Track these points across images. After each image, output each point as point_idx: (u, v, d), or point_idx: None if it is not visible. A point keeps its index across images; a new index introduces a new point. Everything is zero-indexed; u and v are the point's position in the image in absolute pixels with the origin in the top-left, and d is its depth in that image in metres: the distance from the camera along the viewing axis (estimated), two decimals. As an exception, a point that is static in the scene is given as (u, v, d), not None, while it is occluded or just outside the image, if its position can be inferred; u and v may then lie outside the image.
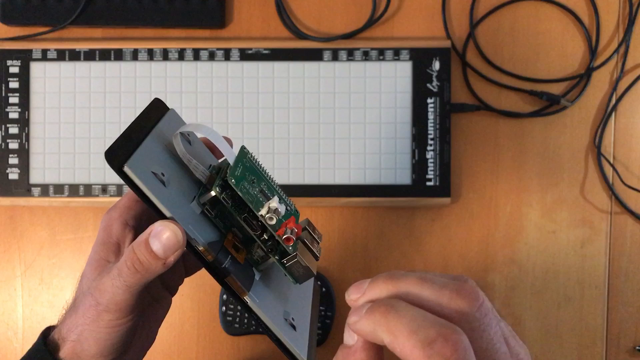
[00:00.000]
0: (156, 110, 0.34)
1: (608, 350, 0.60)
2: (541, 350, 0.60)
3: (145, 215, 0.35)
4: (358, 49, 0.59)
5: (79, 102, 0.59)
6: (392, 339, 0.21)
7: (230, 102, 0.59)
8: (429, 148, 0.58)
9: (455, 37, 0.60)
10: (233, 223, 0.32)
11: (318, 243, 0.34)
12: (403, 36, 0.60)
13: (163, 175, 0.30)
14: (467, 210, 0.60)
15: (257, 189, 0.32)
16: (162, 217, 0.29)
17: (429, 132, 0.58)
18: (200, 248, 0.30)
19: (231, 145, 0.34)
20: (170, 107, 0.35)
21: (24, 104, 0.59)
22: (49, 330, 0.35)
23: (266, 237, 0.31)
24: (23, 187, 0.58)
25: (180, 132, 0.32)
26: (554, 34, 0.60)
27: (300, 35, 0.60)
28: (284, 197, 0.34)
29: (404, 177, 0.58)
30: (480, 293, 0.23)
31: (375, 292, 0.24)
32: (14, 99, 0.59)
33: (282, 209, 0.31)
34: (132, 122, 0.31)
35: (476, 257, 0.60)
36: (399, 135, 0.59)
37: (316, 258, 0.33)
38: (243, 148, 0.33)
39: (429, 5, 0.60)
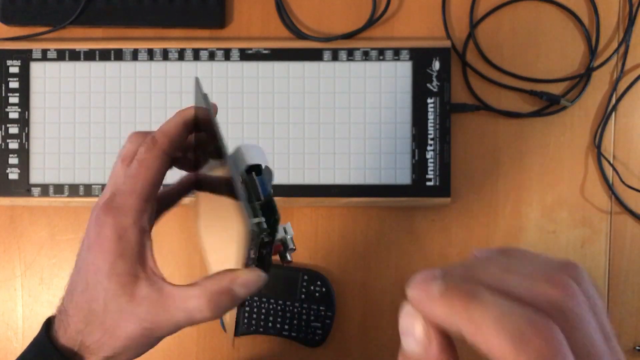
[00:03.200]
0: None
1: (608, 350, 0.60)
2: (541, 350, 0.60)
3: (156, 215, 0.35)
4: (358, 49, 0.59)
5: (79, 102, 0.59)
6: (475, 329, 0.18)
7: (230, 102, 0.59)
8: (429, 148, 0.58)
9: (455, 37, 0.60)
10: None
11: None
12: (403, 36, 0.60)
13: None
14: (467, 210, 0.60)
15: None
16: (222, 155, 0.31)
17: (429, 132, 0.58)
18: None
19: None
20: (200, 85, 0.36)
21: (24, 104, 0.59)
22: (53, 319, 0.35)
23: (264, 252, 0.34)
24: (23, 187, 0.58)
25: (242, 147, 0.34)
26: (554, 34, 0.60)
27: (300, 35, 0.60)
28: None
29: (404, 177, 0.58)
30: (572, 282, 0.20)
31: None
32: (14, 99, 0.59)
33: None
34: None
35: (476, 257, 0.60)
36: (399, 135, 0.59)
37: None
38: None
39: (429, 5, 0.60)
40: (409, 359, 0.20)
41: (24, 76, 0.59)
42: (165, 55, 0.59)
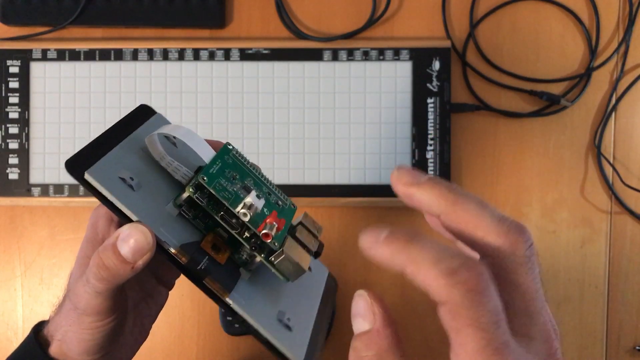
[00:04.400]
0: (141, 116, 0.34)
1: (608, 350, 0.60)
2: (541, 350, 0.60)
3: None
4: (358, 49, 0.59)
5: (79, 102, 0.59)
6: (414, 268, 0.21)
7: (230, 102, 0.59)
8: (429, 148, 0.58)
9: (455, 37, 0.60)
10: (215, 223, 0.31)
11: (317, 237, 0.33)
12: (403, 36, 0.60)
13: (132, 179, 0.30)
14: (467, 210, 0.60)
15: (238, 185, 0.31)
16: (130, 221, 0.29)
17: (429, 132, 0.58)
18: (173, 250, 0.29)
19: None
20: (157, 111, 0.35)
21: (24, 104, 0.59)
22: (41, 325, 0.35)
23: (248, 235, 0.30)
24: (23, 187, 0.58)
25: (157, 134, 0.31)
26: (554, 34, 0.60)
27: (300, 35, 0.60)
28: (275, 191, 0.33)
29: (404, 177, 0.58)
30: (519, 237, 0.23)
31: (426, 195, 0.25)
32: (14, 99, 0.59)
33: (259, 204, 0.30)
34: (106, 130, 0.31)
35: (476, 257, 0.60)
36: (399, 135, 0.59)
37: (311, 253, 0.32)
38: (227, 145, 0.32)
39: (429, 5, 0.60)
40: (358, 340, 0.24)
41: (24, 76, 0.59)
42: (165, 55, 0.59)
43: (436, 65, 0.59)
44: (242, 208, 0.29)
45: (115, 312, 0.32)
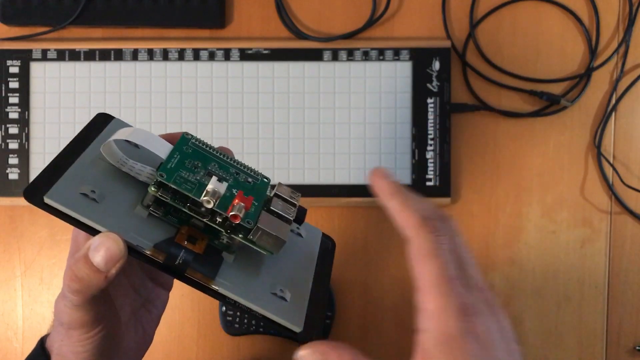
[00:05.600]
0: (99, 125, 0.33)
1: (608, 350, 0.60)
2: (541, 351, 0.60)
3: None
4: (358, 49, 0.59)
5: (79, 102, 0.59)
6: (402, 208, 0.29)
7: (230, 102, 0.59)
8: (429, 148, 0.58)
9: (455, 37, 0.60)
10: (187, 215, 0.31)
11: (294, 204, 0.32)
12: (403, 36, 0.60)
13: (94, 192, 0.30)
14: (467, 210, 0.60)
15: (201, 173, 0.31)
16: (96, 234, 0.29)
17: (429, 132, 0.58)
18: (148, 252, 0.29)
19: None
20: (114, 117, 0.34)
21: (24, 104, 0.59)
22: (46, 337, 0.35)
23: (221, 220, 0.30)
24: (23, 187, 0.58)
25: (110, 141, 0.31)
26: (554, 34, 0.60)
27: (300, 35, 0.60)
28: (244, 169, 0.33)
29: (404, 177, 0.58)
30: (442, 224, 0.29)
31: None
32: (14, 99, 0.59)
33: (222, 187, 0.30)
34: (63, 149, 0.31)
35: (476, 257, 0.59)
36: (399, 135, 0.59)
37: (288, 222, 0.31)
38: (184, 134, 0.32)
39: (429, 5, 0.60)
40: None
41: (24, 76, 0.59)
42: (165, 55, 0.59)
43: (436, 65, 0.59)
44: (204, 196, 0.29)
45: (101, 322, 0.32)
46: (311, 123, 0.59)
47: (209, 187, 0.29)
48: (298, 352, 0.28)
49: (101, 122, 0.34)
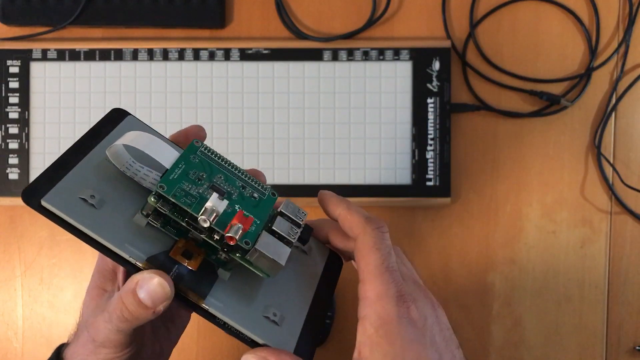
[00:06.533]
0: (113, 121, 0.33)
1: (608, 350, 0.60)
2: (541, 351, 0.60)
3: None
4: (358, 49, 0.59)
5: (79, 102, 0.59)
6: (348, 213, 0.32)
7: (230, 102, 0.59)
8: (429, 148, 0.58)
9: (455, 37, 0.60)
10: (186, 228, 0.30)
11: (299, 224, 0.31)
12: (403, 36, 0.60)
13: (94, 197, 0.29)
14: (467, 210, 0.60)
15: (204, 186, 0.30)
16: (92, 242, 0.28)
17: (429, 132, 0.58)
18: (140, 265, 0.29)
19: (203, 139, 0.33)
20: (129, 113, 0.33)
21: (24, 104, 0.59)
22: (62, 347, 0.35)
23: (218, 237, 0.29)
24: (23, 187, 0.58)
25: (116, 145, 0.30)
26: (554, 34, 0.60)
27: (300, 35, 0.60)
28: (251, 183, 0.32)
29: (404, 177, 0.58)
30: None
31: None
32: (14, 99, 0.59)
33: (221, 205, 0.29)
34: (72, 145, 0.30)
35: (476, 257, 0.60)
36: (399, 135, 0.59)
37: (289, 245, 0.30)
38: (193, 142, 0.31)
39: (429, 5, 0.60)
40: None
41: (24, 76, 0.59)
42: (165, 55, 0.59)
43: (436, 65, 0.59)
44: (202, 214, 0.28)
45: (132, 345, 0.32)
46: (311, 123, 0.59)
47: (208, 204, 0.28)
48: (243, 356, 0.29)
49: (115, 119, 0.33)
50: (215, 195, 0.29)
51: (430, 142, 0.58)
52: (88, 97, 0.59)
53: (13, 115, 0.59)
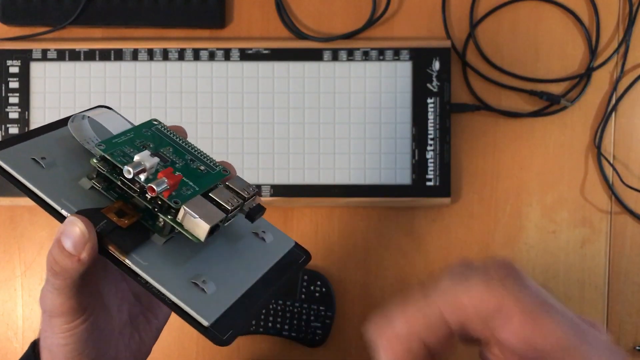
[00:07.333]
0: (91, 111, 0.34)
1: (608, 350, 0.60)
2: (541, 350, 0.60)
3: None
4: (358, 49, 0.59)
5: (79, 102, 0.59)
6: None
7: (230, 102, 0.59)
8: (429, 148, 0.58)
9: (455, 37, 0.60)
10: (129, 194, 0.30)
11: (244, 197, 0.31)
12: (403, 36, 0.60)
13: (44, 159, 0.30)
14: (467, 210, 0.60)
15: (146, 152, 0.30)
16: (36, 199, 0.29)
17: (429, 132, 0.58)
18: (67, 214, 0.29)
19: (185, 136, 0.34)
20: (112, 109, 0.34)
21: (24, 104, 0.59)
22: (37, 341, 0.35)
23: (150, 197, 0.29)
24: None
25: (77, 116, 0.32)
26: (554, 34, 0.60)
27: (300, 35, 0.60)
28: (204, 159, 0.32)
29: (404, 177, 0.58)
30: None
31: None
32: (14, 99, 0.59)
33: (149, 162, 0.29)
34: (47, 123, 0.32)
35: (476, 257, 0.60)
36: (399, 135, 0.59)
37: (225, 211, 0.30)
38: (152, 120, 0.32)
39: (429, 5, 0.60)
40: None
41: (24, 76, 0.59)
42: (165, 55, 0.59)
43: (436, 65, 0.59)
44: (127, 166, 0.29)
45: (84, 313, 0.32)
46: (311, 123, 0.59)
47: (136, 157, 0.29)
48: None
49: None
50: (146, 152, 0.30)
51: (430, 142, 0.58)
52: (88, 97, 0.59)
53: (13, 115, 0.59)
